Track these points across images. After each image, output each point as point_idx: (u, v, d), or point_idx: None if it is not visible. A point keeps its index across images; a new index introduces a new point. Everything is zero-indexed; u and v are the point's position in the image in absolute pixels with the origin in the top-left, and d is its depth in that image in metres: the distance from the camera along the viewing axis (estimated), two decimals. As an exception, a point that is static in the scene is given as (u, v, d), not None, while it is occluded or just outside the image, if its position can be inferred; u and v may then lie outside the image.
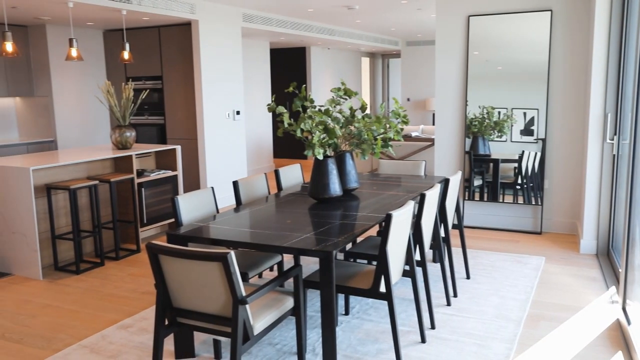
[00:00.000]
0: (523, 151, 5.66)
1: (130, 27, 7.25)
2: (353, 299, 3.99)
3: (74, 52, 5.51)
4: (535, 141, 5.62)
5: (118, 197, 5.50)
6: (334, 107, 3.86)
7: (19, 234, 4.63)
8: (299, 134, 3.61)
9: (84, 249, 5.24)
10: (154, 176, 5.65)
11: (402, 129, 3.98)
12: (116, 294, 4.26)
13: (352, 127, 3.92)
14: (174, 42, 7.07)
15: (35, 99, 7.11)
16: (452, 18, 5.85)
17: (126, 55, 6.11)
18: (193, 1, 6.58)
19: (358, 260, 3.81)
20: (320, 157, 3.60)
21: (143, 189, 5.54)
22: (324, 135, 3.63)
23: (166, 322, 2.72)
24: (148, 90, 7.24)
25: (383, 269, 2.95)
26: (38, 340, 3.48)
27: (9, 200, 4.63)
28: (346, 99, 3.93)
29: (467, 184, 5.96)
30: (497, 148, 5.78)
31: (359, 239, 5.26)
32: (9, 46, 4.97)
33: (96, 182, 4.92)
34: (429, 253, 5.00)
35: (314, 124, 3.61)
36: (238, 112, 7.55)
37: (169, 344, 3.34)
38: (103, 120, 7.73)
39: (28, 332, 3.59)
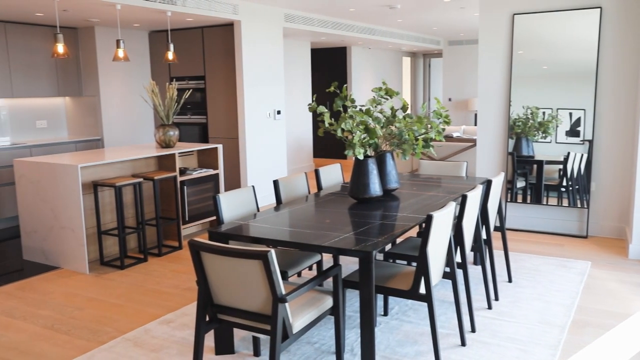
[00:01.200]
0: (569, 153, 5.51)
1: (174, 28, 7.40)
2: (392, 299, 3.97)
3: (120, 53, 5.65)
4: (581, 142, 5.46)
5: (161, 194, 5.62)
6: (375, 106, 3.85)
7: (68, 229, 4.78)
8: (339, 133, 3.61)
9: (128, 244, 5.37)
10: (196, 174, 5.75)
11: (443, 129, 3.93)
12: (158, 289, 4.36)
13: (393, 127, 3.90)
14: (216, 42, 7.18)
15: (83, 98, 7.33)
16: (496, 16, 5.75)
17: (170, 55, 6.23)
18: (236, 2, 6.66)
19: (397, 261, 3.78)
20: (361, 157, 3.59)
21: (185, 187, 5.64)
22: (365, 135, 3.63)
23: (207, 319, 2.76)
24: (191, 90, 7.38)
25: (423, 270, 2.92)
26: (85, 332, 3.59)
27: (59, 196, 4.78)
28: (387, 99, 3.91)
29: (509, 185, 5.85)
30: (542, 149, 5.65)
31: (398, 240, 5.23)
32: (60, 48, 5.13)
33: (140, 179, 5.04)
34: (469, 255, 4.93)
35: (354, 124, 3.60)
36: (279, 112, 7.60)
37: (209, 340, 3.39)
38: (147, 119, 7.90)
39: (75, 324, 3.71)
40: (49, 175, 4.81)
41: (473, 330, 3.44)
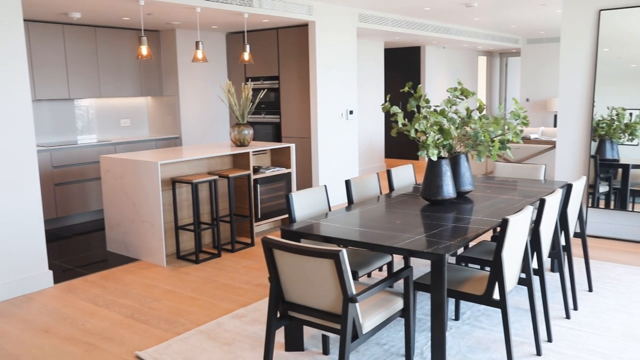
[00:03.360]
0: (658, 156, 5.19)
1: (250, 29, 7.57)
2: (464, 304, 3.88)
3: (199, 54, 5.85)
4: (673, 146, 5.13)
5: (235, 192, 5.77)
6: (450, 107, 3.78)
7: (148, 223, 5.00)
8: (412, 134, 3.57)
9: (203, 240, 5.55)
10: (269, 173, 5.86)
11: (521, 131, 3.81)
12: (231, 284, 4.47)
13: (468, 128, 3.81)
14: (291, 43, 7.29)
15: (164, 98, 7.64)
16: (580, 13, 5.50)
17: (246, 56, 6.38)
18: (310, 3, 6.73)
19: (470, 265, 3.70)
20: (434, 158, 3.54)
21: (258, 185, 5.76)
22: (439, 136, 3.57)
23: (278, 315, 2.81)
24: (265, 90, 7.52)
25: (497, 275, 2.85)
26: (161, 322, 3.74)
27: (140, 192, 5.01)
28: (462, 99, 3.83)
29: (591, 190, 5.58)
30: (628, 152, 5.35)
31: (471, 244, 5.11)
32: (144, 50, 5.37)
33: (216, 177, 5.19)
34: (547, 262, 4.74)
35: (428, 125, 3.55)
36: (351, 112, 7.62)
37: (279, 336, 3.45)
38: (223, 118, 8.13)
39: (153, 314, 3.88)
40: (131, 171, 5.05)
41: (549, 339, 3.31)
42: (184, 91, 7.52)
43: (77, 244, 5.77)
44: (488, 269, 3.59)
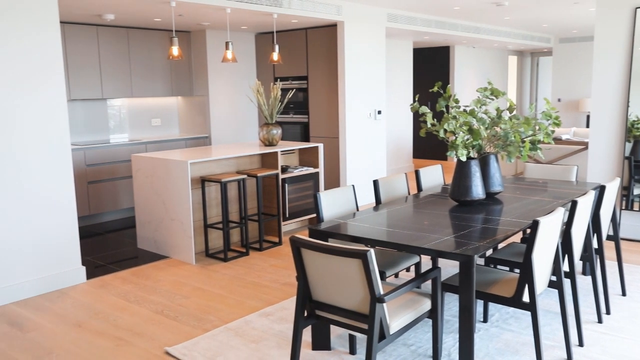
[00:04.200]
0: (696, 158, 5.05)
1: (279, 29, 7.61)
2: (492, 306, 3.84)
3: (229, 55, 5.90)
4: None
5: (263, 191, 5.81)
6: (480, 107, 3.74)
7: (177, 221, 5.07)
8: (441, 134, 3.55)
9: (231, 238, 5.61)
10: (297, 172, 5.88)
11: (553, 131, 3.75)
12: (259, 282, 4.51)
13: (498, 129, 3.77)
14: (319, 43, 7.30)
15: (194, 98, 7.74)
16: (615, 11, 5.39)
17: (275, 56, 6.41)
18: (339, 3, 6.73)
19: (499, 267, 3.66)
20: (464, 158, 3.51)
21: (286, 184, 5.79)
22: (468, 136, 3.54)
23: (305, 314, 2.82)
24: (294, 90, 7.55)
25: (527, 277, 2.81)
26: (190, 319, 3.80)
27: (170, 190, 5.09)
28: (493, 99, 3.79)
29: (625, 192, 5.46)
30: (664, 154, 5.22)
31: (500, 245, 5.05)
32: (175, 50, 5.45)
33: (244, 176, 5.23)
34: (578, 265, 4.66)
35: (458, 125, 3.53)
36: (379, 112, 7.60)
37: (306, 335, 3.46)
38: (252, 118, 8.19)
39: (182, 311, 3.93)
40: (162, 170, 5.13)
41: (581, 344, 3.26)
42: (214, 91, 7.60)
43: (109, 241, 5.88)
44: (517, 271, 3.55)
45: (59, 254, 4.45)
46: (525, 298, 2.87)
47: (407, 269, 4.47)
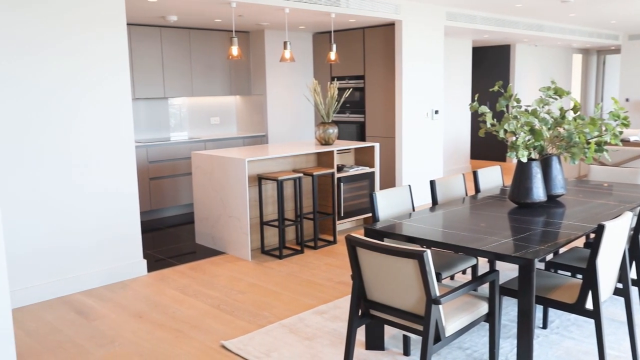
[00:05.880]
0: None
1: (337, 29, 7.63)
2: (552, 312, 3.72)
3: (287, 54, 5.96)
4: None
5: (319, 190, 5.84)
6: (542, 107, 3.64)
7: (234, 217, 5.17)
8: (501, 134, 3.47)
9: (287, 236, 5.66)
10: (352, 172, 5.88)
11: (620, 132, 3.60)
12: (313, 280, 4.54)
13: (561, 129, 3.65)
14: (376, 42, 7.27)
15: (251, 97, 7.86)
16: (690, 7, 5.10)
17: (333, 56, 6.43)
18: (398, 1, 6.68)
19: (560, 272, 3.55)
20: (524, 159, 3.42)
21: (342, 183, 5.80)
22: (530, 136, 3.44)
23: (360, 313, 2.82)
24: (351, 89, 7.56)
25: (591, 283, 2.71)
26: (246, 314, 3.86)
27: (228, 187, 5.19)
28: (556, 99, 3.68)
29: (699, 197, 5.17)
30: None
31: (562, 250, 4.89)
32: (234, 50, 5.56)
33: (300, 174, 5.28)
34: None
35: (519, 125, 3.44)
36: (436, 112, 7.49)
37: (360, 334, 3.46)
38: (308, 117, 8.25)
39: (238, 306, 4.01)
40: (220, 167, 5.24)
41: (647, 355, 3.11)
42: (271, 90, 7.70)
43: (169, 235, 6.06)
44: (580, 276, 3.42)
45: (122, 247, 4.62)
46: (589, 305, 2.77)
47: (464, 272, 4.39)
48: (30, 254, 4.13)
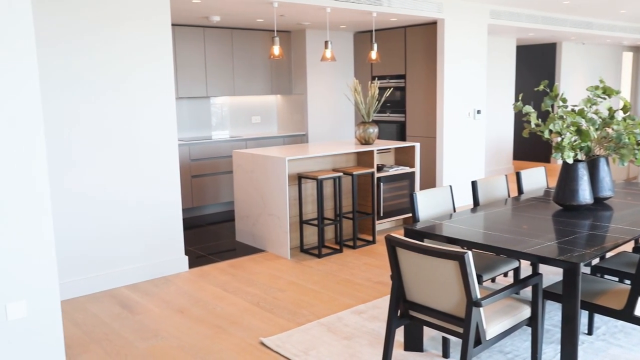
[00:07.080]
0: None
1: (378, 28, 7.60)
2: (599, 318, 3.62)
3: (328, 54, 5.98)
4: None
5: (358, 189, 5.83)
6: (590, 107, 3.54)
7: (274, 216, 5.21)
8: (546, 135, 3.39)
9: (326, 235, 5.68)
10: (392, 172, 5.85)
11: (673, 134, 3.46)
12: (352, 280, 4.54)
13: (609, 130, 3.55)
14: (418, 41, 7.21)
15: (292, 96, 7.91)
16: None
17: (374, 55, 6.41)
18: (440, 0, 6.61)
19: (606, 277, 3.44)
20: (570, 160, 3.34)
21: (382, 183, 5.77)
22: (576, 137, 3.36)
23: (399, 314, 2.81)
24: (391, 89, 7.52)
25: None
26: (285, 312, 3.89)
27: (268, 186, 5.24)
28: (604, 99, 3.57)
29: None
30: None
31: (609, 254, 4.75)
32: (276, 50, 5.60)
33: (340, 174, 5.28)
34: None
35: (564, 125, 3.35)
36: (479, 111, 7.38)
37: (399, 335, 3.44)
38: (348, 116, 8.25)
39: (277, 304, 4.04)
40: (260, 166, 5.29)
41: (699, 365, 3.00)
42: (312, 90, 7.73)
43: (210, 232, 6.16)
44: (628, 282, 3.32)
45: (165, 243, 4.72)
46: (638, 312, 2.68)
47: (505, 274, 4.32)
48: (78, 248, 4.26)
